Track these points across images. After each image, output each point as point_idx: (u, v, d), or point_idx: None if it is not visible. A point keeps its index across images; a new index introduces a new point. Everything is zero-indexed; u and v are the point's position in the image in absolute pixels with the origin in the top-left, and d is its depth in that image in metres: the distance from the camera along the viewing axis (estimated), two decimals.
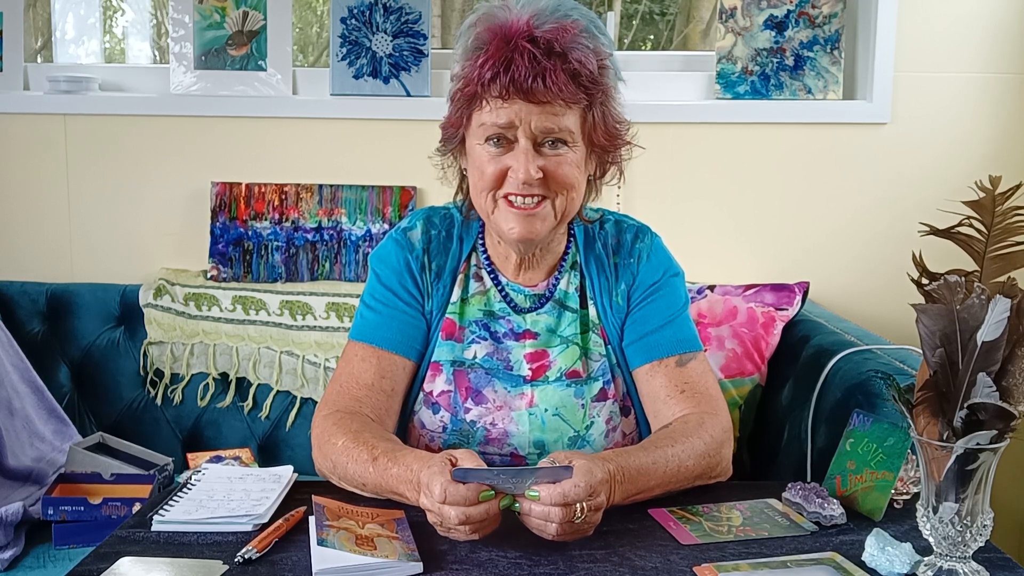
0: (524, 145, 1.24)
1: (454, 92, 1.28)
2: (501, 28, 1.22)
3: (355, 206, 2.26)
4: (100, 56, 2.75)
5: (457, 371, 1.35)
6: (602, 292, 1.38)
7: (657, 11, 3.25)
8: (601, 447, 1.33)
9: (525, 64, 1.19)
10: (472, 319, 1.37)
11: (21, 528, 1.71)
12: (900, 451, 1.16)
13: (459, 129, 1.30)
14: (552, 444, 1.32)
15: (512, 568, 1.02)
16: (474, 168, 1.29)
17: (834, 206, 2.28)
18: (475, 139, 1.28)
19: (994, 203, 0.97)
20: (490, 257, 1.39)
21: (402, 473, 1.14)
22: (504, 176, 1.26)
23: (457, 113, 1.29)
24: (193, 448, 2.13)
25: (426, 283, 1.37)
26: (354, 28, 2.27)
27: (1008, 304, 0.94)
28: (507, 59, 1.20)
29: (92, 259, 2.30)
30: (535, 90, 1.20)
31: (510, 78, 1.20)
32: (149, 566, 1.02)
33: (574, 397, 1.33)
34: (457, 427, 1.33)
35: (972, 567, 0.99)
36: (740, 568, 1.02)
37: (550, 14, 1.22)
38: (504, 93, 1.21)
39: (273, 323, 2.17)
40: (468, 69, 1.24)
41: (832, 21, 2.26)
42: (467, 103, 1.26)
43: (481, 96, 1.23)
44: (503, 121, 1.23)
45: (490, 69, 1.20)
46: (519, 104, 1.22)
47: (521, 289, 1.38)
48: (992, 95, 2.24)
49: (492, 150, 1.26)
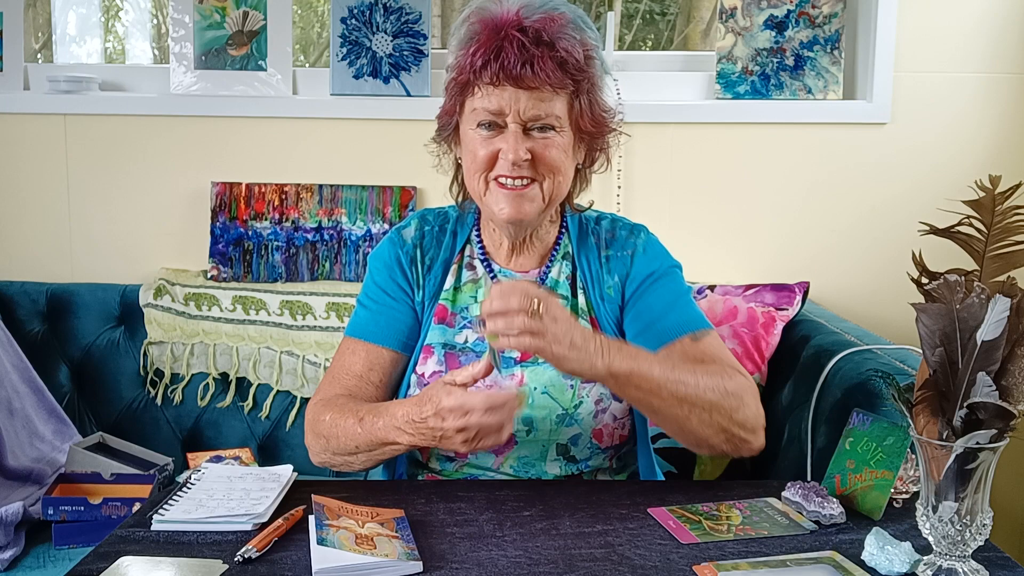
0: (513, 129, 1.30)
1: (448, 82, 1.35)
2: (492, 19, 1.29)
3: (355, 206, 2.26)
4: (100, 56, 2.75)
5: (448, 353, 1.40)
6: (593, 282, 1.42)
7: (657, 11, 3.26)
8: (590, 427, 1.36)
9: (515, 52, 1.26)
10: (464, 305, 1.42)
11: (21, 528, 1.71)
12: (900, 450, 1.16)
13: (453, 117, 1.37)
14: (541, 421, 1.35)
15: (512, 568, 1.02)
16: (467, 152, 1.35)
17: (834, 206, 2.28)
18: (467, 125, 1.34)
19: (994, 202, 0.97)
20: (484, 246, 1.45)
21: (388, 421, 1.23)
22: (495, 159, 1.32)
23: (451, 101, 1.36)
24: (193, 448, 2.13)
25: (416, 275, 1.43)
26: (354, 28, 2.28)
27: (1008, 303, 0.94)
28: (497, 47, 1.27)
29: (92, 259, 2.31)
30: (524, 76, 1.26)
31: (500, 65, 1.26)
32: (149, 566, 1.02)
33: (563, 378, 1.35)
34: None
35: (971, 566, 0.99)
36: (740, 567, 1.02)
37: (539, 7, 1.29)
38: (495, 80, 1.27)
39: (273, 323, 2.17)
40: (461, 58, 1.30)
41: (832, 21, 2.26)
42: (460, 91, 1.33)
43: (473, 83, 1.30)
44: (494, 107, 1.29)
45: (481, 57, 1.27)
46: (509, 90, 1.28)
47: (513, 275, 1.43)
48: (992, 95, 2.24)
49: (484, 134, 1.32)
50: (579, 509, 1.18)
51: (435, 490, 1.26)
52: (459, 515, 1.17)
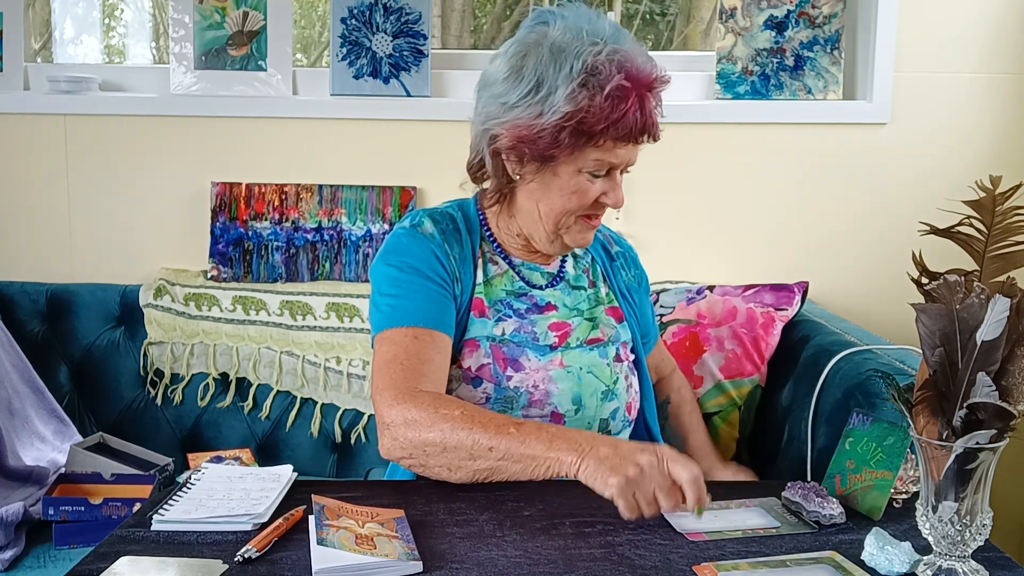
0: (619, 178, 1.39)
1: (564, 123, 1.31)
2: (638, 77, 1.31)
3: (355, 206, 2.26)
4: (100, 56, 2.75)
5: (493, 346, 1.41)
6: (607, 274, 1.54)
7: (657, 11, 3.26)
8: (624, 401, 1.47)
9: (647, 113, 1.32)
10: (496, 299, 1.45)
11: (21, 528, 1.71)
12: (899, 450, 1.16)
13: (557, 155, 1.34)
14: (588, 398, 1.42)
15: (512, 568, 1.03)
16: (563, 191, 1.37)
17: (834, 206, 2.28)
18: (574, 166, 1.35)
19: (994, 203, 0.97)
20: (499, 244, 1.48)
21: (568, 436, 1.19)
22: (594, 200, 1.38)
23: (568, 142, 1.32)
24: (193, 448, 2.13)
25: (453, 267, 1.42)
26: (354, 28, 2.28)
27: (1007, 303, 0.94)
28: (639, 107, 1.31)
29: (92, 259, 2.30)
30: (648, 134, 1.35)
31: (641, 126, 1.32)
32: (149, 566, 1.02)
33: (599, 357, 1.45)
34: (502, 395, 1.39)
35: (971, 566, 0.99)
36: (740, 567, 1.02)
37: (651, 59, 1.35)
38: (629, 138, 1.33)
39: (273, 323, 2.17)
40: (599, 109, 1.30)
41: (832, 21, 2.26)
42: (587, 139, 1.32)
43: (601, 136, 1.32)
44: (617, 160, 1.36)
45: (628, 116, 1.30)
46: (631, 146, 1.35)
47: (536, 267, 1.49)
48: (992, 95, 2.24)
49: (592, 179, 1.37)
50: (579, 509, 1.18)
51: (435, 490, 1.26)
52: (459, 515, 1.17)
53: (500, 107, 1.36)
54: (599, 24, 1.34)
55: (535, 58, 1.33)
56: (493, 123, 1.37)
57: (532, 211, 1.42)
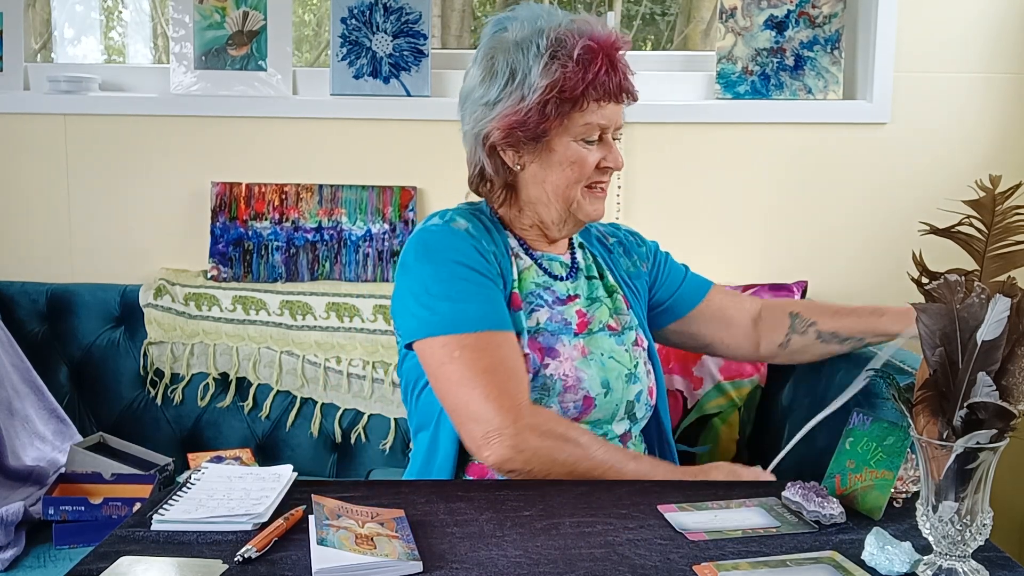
0: (612, 140, 1.46)
1: (546, 96, 1.39)
2: (601, 40, 1.41)
3: (355, 206, 2.26)
4: (100, 56, 2.75)
5: (530, 339, 1.45)
6: (609, 265, 1.60)
7: (657, 11, 3.26)
8: (646, 384, 1.53)
9: (619, 71, 1.41)
10: (528, 291, 1.49)
11: (21, 528, 1.71)
12: (900, 450, 1.16)
13: (548, 129, 1.42)
14: (615, 381, 1.47)
15: (512, 568, 1.02)
16: (566, 164, 1.44)
17: (834, 206, 2.28)
18: (568, 137, 1.43)
19: (994, 202, 0.97)
20: (522, 239, 1.53)
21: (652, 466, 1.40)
22: (595, 167, 1.45)
23: (555, 114, 1.40)
24: (193, 448, 2.13)
25: (495, 262, 1.46)
26: (354, 28, 2.28)
27: (1008, 303, 0.94)
28: (610, 67, 1.40)
29: (92, 259, 2.30)
30: (627, 92, 1.43)
31: (617, 83, 1.41)
32: (149, 565, 1.02)
33: (618, 344, 1.51)
34: (539, 383, 1.43)
35: (972, 566, 0.99)
36: (740, 567, 1.02)
37: (607, 26, 1.44)
38: (609, 97, 1.41)
39: (273, 323, 2.17)
40: (572, 75, 1.38)
41: (832, 21, 2.26)
42: (569, 106, 1.40)
43: (583, 99, 1.40)
44: (605, 121, 1.43)
45: (601, 76, 1.39)
46: (613, 105, 1.43)
47: (555, 257, 1.54)
48: (992, 95, 2.24)
49: (588, 146, 1.44)
50: (579, 509, 1.18)
51: (435, 490, 1.26)
52: (459, 515, 1.17)
53: (485, 108, 1.44)
54: (552, 12, 1.44)
55: (503, 55, 1.43)
56: (482, 124, 1.44)
57: (541, 195, 1.47)
